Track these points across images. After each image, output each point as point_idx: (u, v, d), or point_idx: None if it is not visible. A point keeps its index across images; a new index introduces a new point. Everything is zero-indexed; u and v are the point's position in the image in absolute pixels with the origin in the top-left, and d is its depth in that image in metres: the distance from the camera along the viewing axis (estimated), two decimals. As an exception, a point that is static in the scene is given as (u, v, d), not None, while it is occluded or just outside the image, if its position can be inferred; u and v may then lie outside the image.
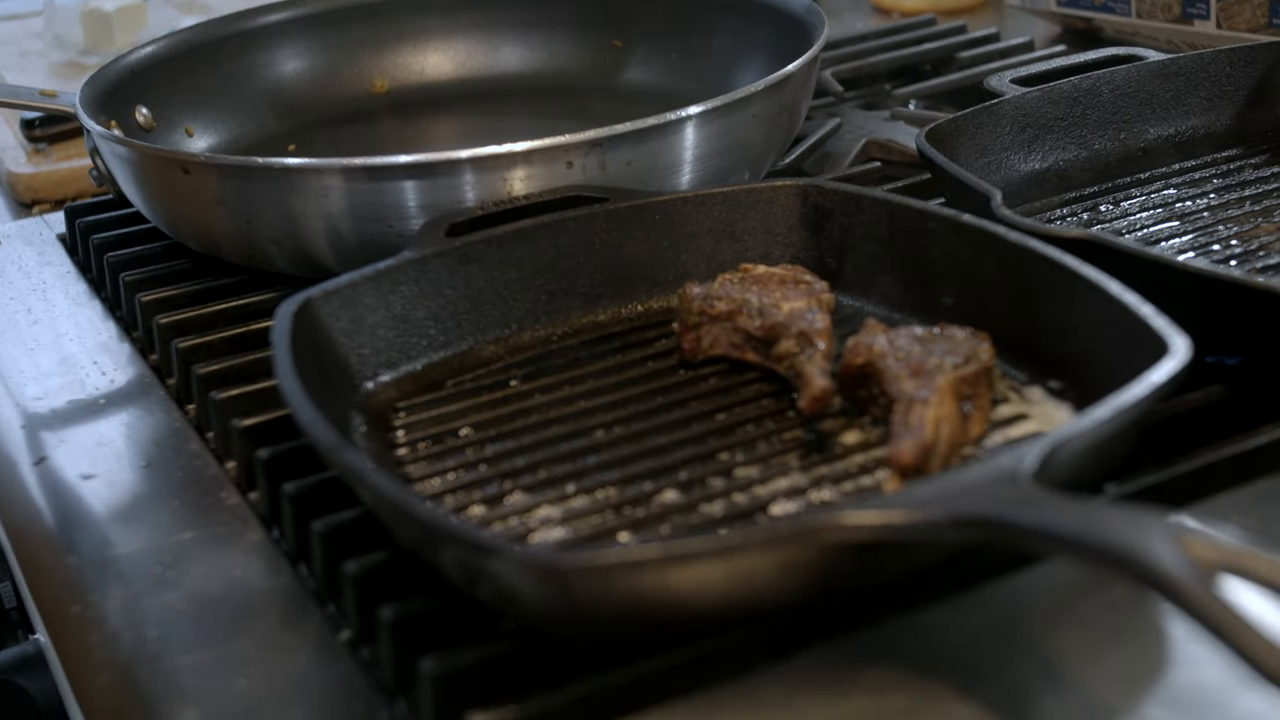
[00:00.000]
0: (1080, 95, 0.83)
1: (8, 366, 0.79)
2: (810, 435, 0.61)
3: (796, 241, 0.73)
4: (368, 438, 0.62)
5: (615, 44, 1.06)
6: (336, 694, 0.53)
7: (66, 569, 0.62)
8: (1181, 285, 0.63)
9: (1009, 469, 0.47)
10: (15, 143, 1.11)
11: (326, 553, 0.57)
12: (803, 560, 0.47)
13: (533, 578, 0.46)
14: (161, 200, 0.81)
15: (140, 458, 0.70)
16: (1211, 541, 0.40)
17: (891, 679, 0.49)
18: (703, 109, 0.76)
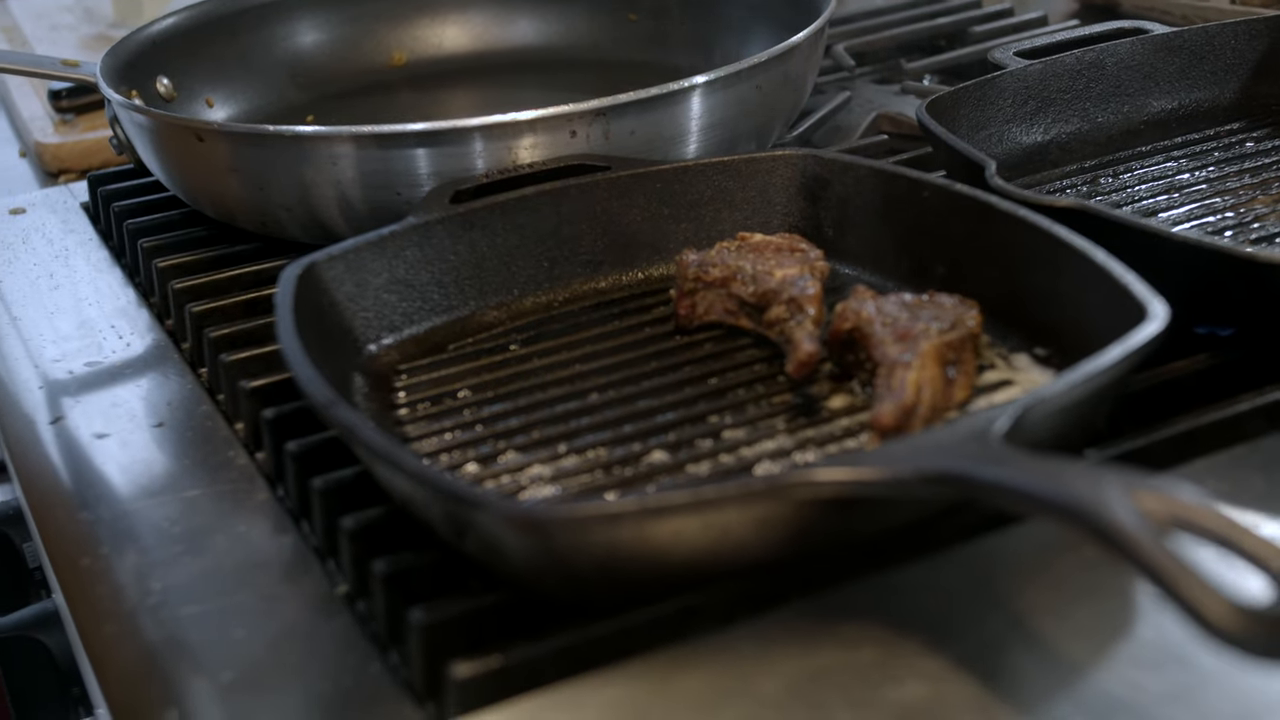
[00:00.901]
0: (1083, 69, 0.84)
1: (28, 330, 0.81)
2: (799, 399, 0.62)
3: (795, 210, 0.74)
4: (369, 398, 0.64)
5: (630, 18, 1.07)
6: (332, 645, 0.55)
7: (79, 524, 0.64)
8: (1171, 255, 0.63)
9: (980, 428, 0.49)
10: (43, 113, 1.13)
11: (325, 509, 0.59)
12: (777, 516, 0.49)
13: (512, 529, 0.48)
14: (178, 168, 0.83)
15: (153, 418, 0.72)
16: (1162, 496, 0.41)
17: (864, 634, 0.50)
18: (705, 79, 0.77)
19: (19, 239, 0.94)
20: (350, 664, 0.54)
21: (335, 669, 0.53)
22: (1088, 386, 0.52)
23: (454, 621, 0.51)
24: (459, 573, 0.54)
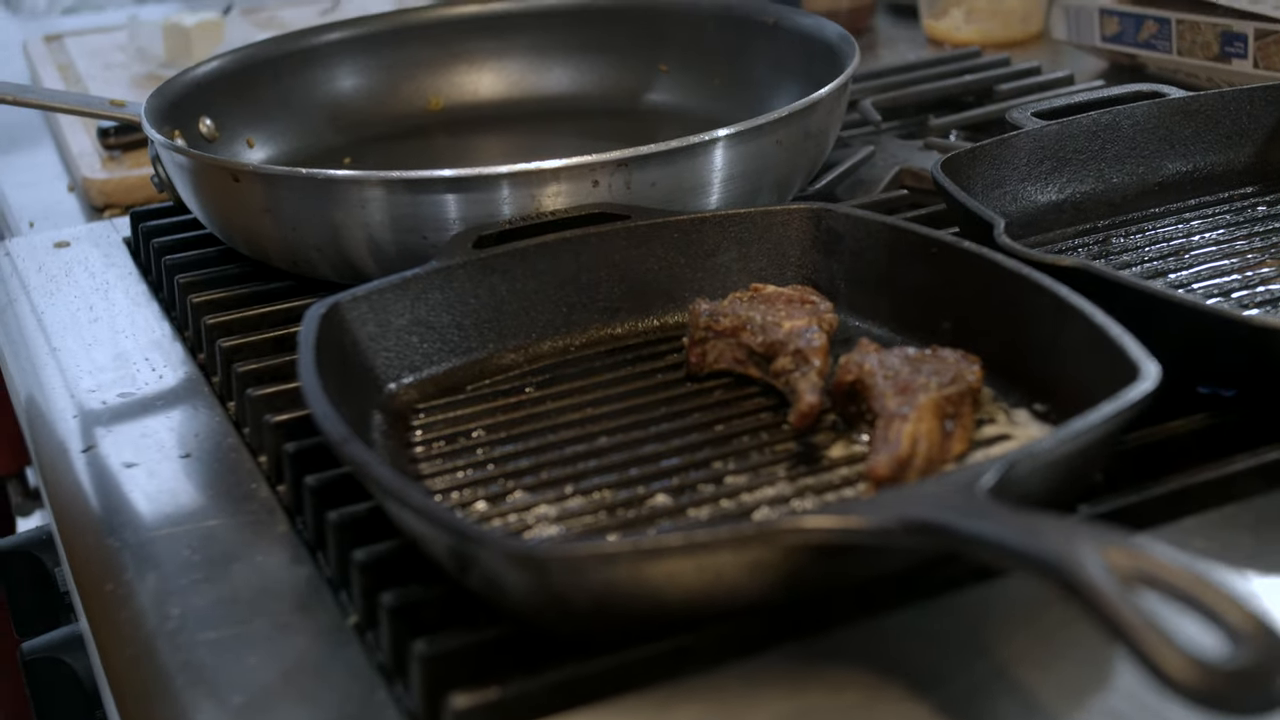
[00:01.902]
0: (1099, 130, 0.85)
1: (66, 360, 0.84)
2: (801, 448, 0.64)
3: (808, 263, 0.76)
4: (387, 435, 0.66)
5: (661, 69, 1.10)
6: (340, 674, 0.57)
7: (105, 550, 0.67)
8: (1171, 317, 0.65)
9: (966, 481, 0.50)
10: (92, 150, 1.16)
11: (339, 542, 0.61)
12: (768, 560, 0.50)
13: (511, 566, 0.50)
14: (214, 207, 0.85)
15: (180, 449, 0.74)
16: (1130, 551, 0.42)
17: (850, 677, 0.52)
18: (725, 134, 0.79)
19: (62, 271, 0.97)
20: (356, 692, 0.56)
21: (342, 697, 0.55)
22: (1076, 443, 0.53)
23: (455, 654, 0.53)
24: (464, 607, 0.56)
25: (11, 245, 1.02)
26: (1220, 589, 0.41)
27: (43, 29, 1.61)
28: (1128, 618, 0.40)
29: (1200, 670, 0.39)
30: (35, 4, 1.81)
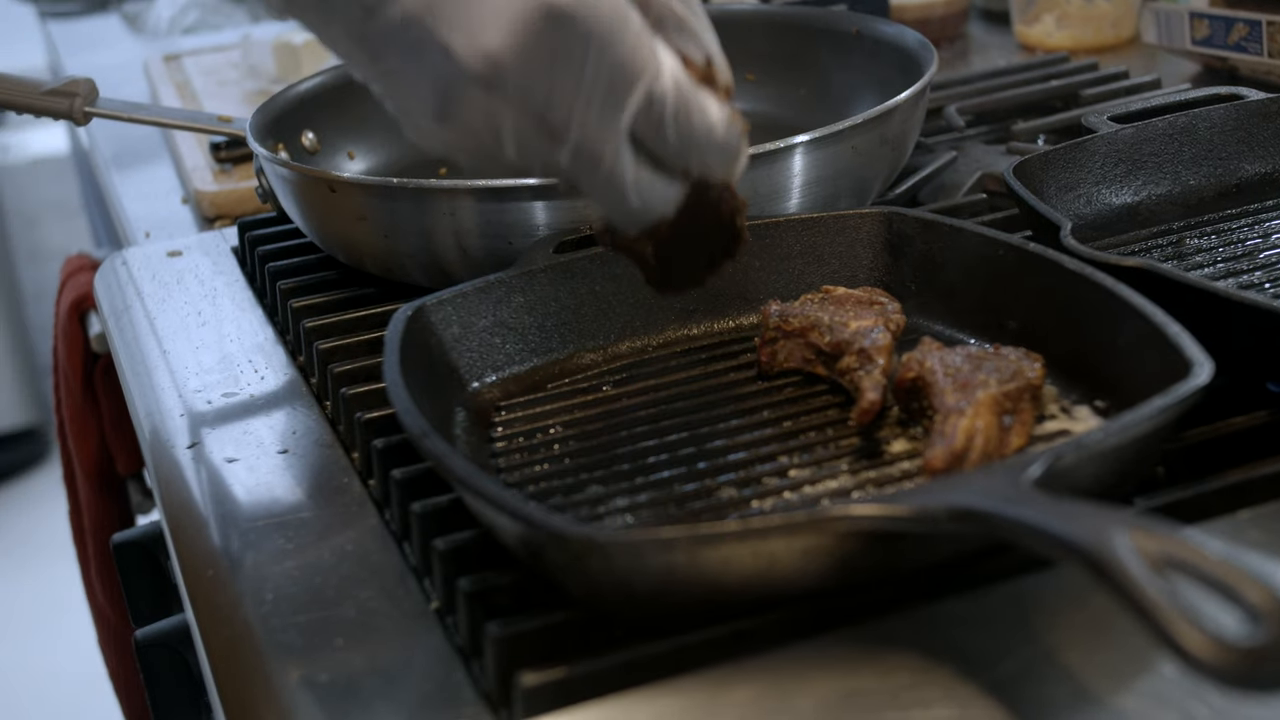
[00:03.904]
0: (1176, 133, 0.86)
1: (175, 363, 0.89)
2: (864, 443, 0.66)
3: (879, 265, 0.78)
4: (469, 432, 0.70)
5: (748, 77, 1.12)
6: (421, 655, 0.60)
7: (207, 538, 0.71)
8: (1235, 316, 0.66)
9: (1013, 472, 0.52)
10: (204, 164, 1.22)
11: (422, 531, 0.64)
12: (820, 546, 0.53)
13: (576, 551, 0.53)
14: (313, 216, 0.90)
15: (279, 445, 0.78)
16: (1158, 536, 0.44)
17: (901, 661, 0.54)
18: (800, 140, 0.82)
19: (174, 279, 1.01)
20: (436, 673, 0.59)
21: (421, 676, 0.59)
22: (1123, 436, 0.55)
23: (526, 635, 0.56)
24: (535, 592, 0.58)
25: (128, 254, 1.07)
26: (1243, 571, 0.42)
27: (163, 49, 1.68)
28: (1150, 596, 0.42)
29: (1219, 648, 0.41)
30: (157, 25, 1.88)
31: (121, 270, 1.04)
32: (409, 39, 0.52)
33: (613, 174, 0.57)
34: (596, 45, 0.53)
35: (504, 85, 0.52)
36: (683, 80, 0.56)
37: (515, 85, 0.53)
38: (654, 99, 0.55)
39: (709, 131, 0.57)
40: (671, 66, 0.56)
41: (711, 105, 0.58)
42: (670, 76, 0.55)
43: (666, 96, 0.55)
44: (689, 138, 0.57)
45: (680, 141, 0.57)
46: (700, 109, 0.57)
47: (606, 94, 0.54)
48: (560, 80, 0.53)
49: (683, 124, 0.56)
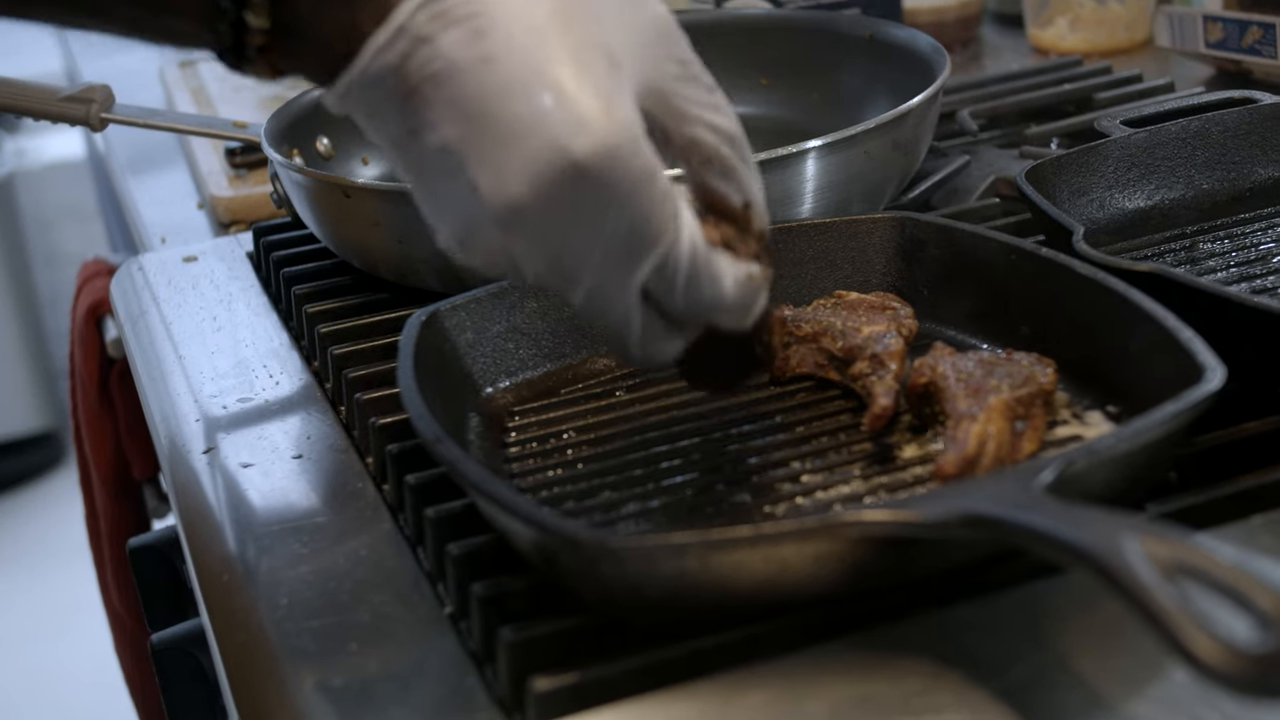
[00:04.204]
0: (1189, 137, 0.86)
1: (191, 368, 0.89)
2: (876, 448, 0.66)
3: (892, 270, 0.78)
4: (482, 437, 0.70)
5: (763, 82, 1.13)
6: (435, 660, 0.60)
7: (222, 543, 0.71)
8: (1248, 320, 0.66)
9: (1025, 477, 0.52)
10: (219, 169, 1.22)
11: (436, 536, 0.65)
12: (831, 552, 0.53)
13: (589, 556, 0.53)
14: (327, 221, 0.90)
15: (293, 450, 0.78)
16: (1168, 542, 0.44)
17: (913, 666, 0.54)
18: (812, 145, 0.82)
19: (189, 284, 1.02)
20: (449, 677, 0.59)
21: (435, 681, 0.59)
22: (1135, 442, 0.55)
23: (539, 640, 0.56)
24: (548, 597, 0.59)
25: (144, 260, 1.07)
26: (1254, 577, 0.42)
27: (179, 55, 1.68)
28: (1160, 602, 0.42)
29: (1230, 654, 0.41)
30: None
31: (137, 275, 1.05)
32: (443, 167, 0.54)
33: (620, 325, 0.57)
34: (616, 207, 0.53)
35: (523, 230, 0.53)
36: (699, 247, 0.56)
37: (534, 231, 0.53)
38: (667, 264, 0.55)
39: (718, 299, 0.58)
40: (690, 231, 0.56)
41: (727, 270, 0.58)
42: (687, 243, 0.56)
43: (680, 263, 0.56)
44: (697, 303, 0.57)
45: (688, 306, 0.57)
46: (712, 277, 0.57)
47: (621, 255, 0.54)
48: (578, 233, 0.54)
49: (692, 291, 0.57)
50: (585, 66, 0.53)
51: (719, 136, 0.59)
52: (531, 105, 0.52)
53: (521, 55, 0.52)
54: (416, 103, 0.53)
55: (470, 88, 0.52)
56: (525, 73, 0.52)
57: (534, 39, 0.52)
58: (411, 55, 0.52)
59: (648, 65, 0.56)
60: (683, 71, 0.58)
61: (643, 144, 0.53)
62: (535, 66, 0.52)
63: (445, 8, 0.52)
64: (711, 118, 0.59)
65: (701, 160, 0.60)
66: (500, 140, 0.52)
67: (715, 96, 0.59)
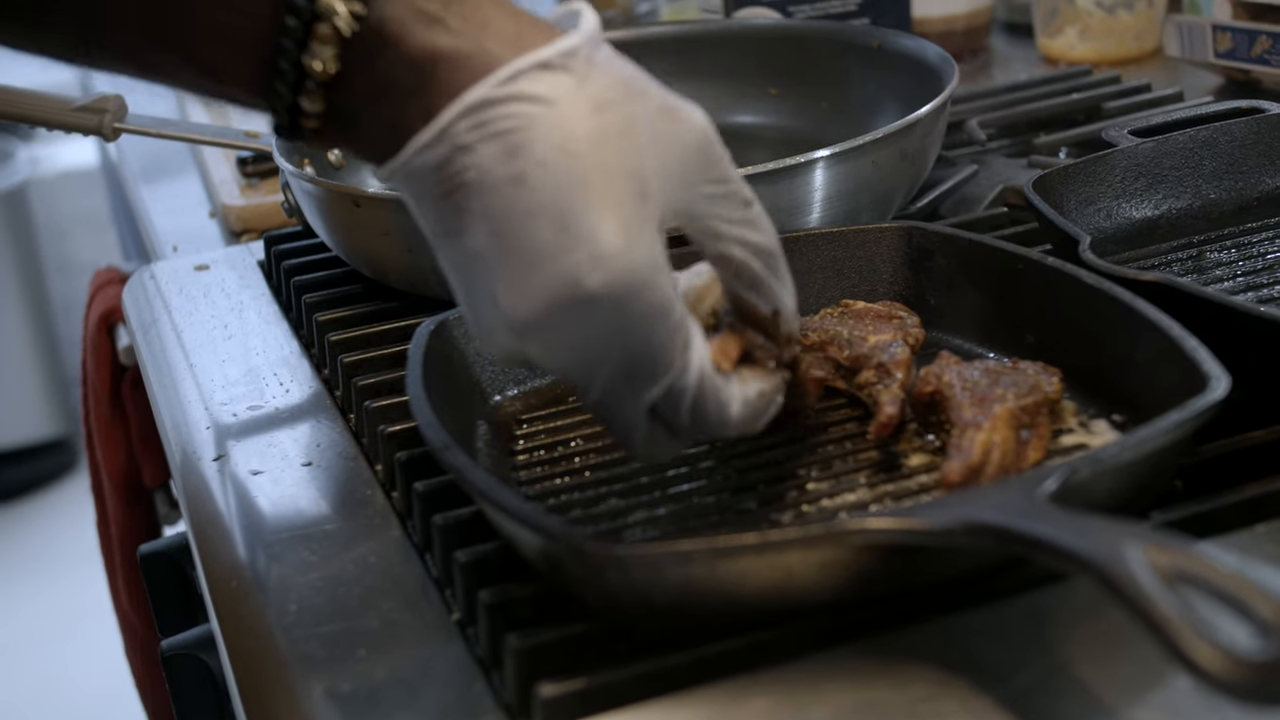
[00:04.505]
0: (1196, 146, 0.87)
1: (202, 376, 0.90)
2: (882, 456, 0.66)
3: (899, 279, 0.78)
4: (491, 445, 0.70)
5: (772, 92, 1.13)
6: (443, 666, 0.61)
7: (232, 549, 0.72)
8: (1254, 330, 0.66)
9: (1029, 486, 0.52)
10: (231, 178, 1.23)
11: (444, 543, 0.65)
12: (836, 559, 0.53)
13: (593, 563, 0.53)
14: (338, 230, 0.90)
15: (303, 458, 0.79)
16: (1170, 550, 0.44)
17: (917, 673, 0.54)
18: (819, 155, 0.82)
19: (201, 293, 1.03)
20: (456, 683, 0.59)
21: (442, 687, 0.59)
22: (1139, 450, 0.55)
23: (545, 647, 0.57)
24: (555, 604, 0.59)
25: (156, 269, 1.08)
26: (1254, 585, 0.43)
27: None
28: (1161, 610, 0.42)
29: (1230, 661, 0.41)
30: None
31: (149, 284, 1.06)
32: (470, 268, 0.55)
33: (626, 434, 0.59)
34: (624, 337, 0.54)
35: (535, 344, 0.55)
36: (708, 376, 0.57)
37: (545, 347, 0.55)
38: (673, 391, 0.57)
39: (723, 423, 0.59)
40: (700, 362, 0.57)
41: (735, 395, 0.59)
42: (695, 373, 0.57)
43: (687, 391, 0.57)
44: (701, 426, 0.58)
45: (693, 427, 0.58)
46: (718, 404, 0.58)
47: (628, 379, 0.56)
48: (587, 355, 0.55)
49: (698, 415, 0.58)
50: (612, 197, 0.54)
51: (750, 252, 0.60)
52: (552, 234, 0.53)
53: (550, 180, 0.53)
54: (452, 206, 0.54)
55: (499, 205, 0.53)
56: (550, 200, 0.53)
57: (566, 162, 0.53)
58: (451, 160, 0.54)
59: (682, 187, 0.57)
60: (719, 190, 0.58)
61: (659, 278, 0.55)
62: (561, 194, 0.53)
63: (486, 118, 0.53)
64: (745, 235, 0.59)
65: (733, 274, 0.60)
66: (520, 261, 0.53)
67: (751, 211, 0.60)
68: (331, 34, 0.54)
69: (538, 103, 0.53)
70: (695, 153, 0.57)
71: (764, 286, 0.61)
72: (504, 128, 0.53)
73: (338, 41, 0.54)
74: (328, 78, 0.55)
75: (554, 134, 0.53)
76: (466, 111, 0.53)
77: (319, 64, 0.54)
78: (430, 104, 0.54)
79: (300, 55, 0.55)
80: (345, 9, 0.54)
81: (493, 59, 0.54)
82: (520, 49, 0.54)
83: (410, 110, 0.55)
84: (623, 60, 0.57)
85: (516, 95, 0.53)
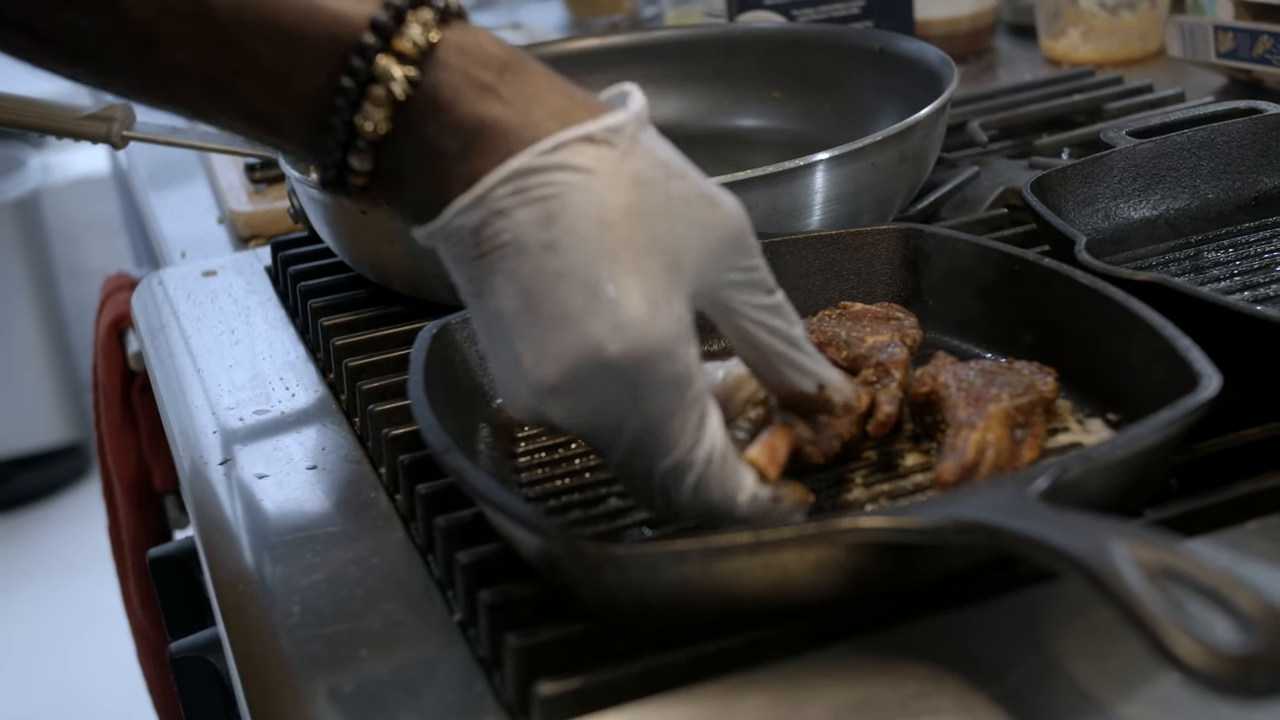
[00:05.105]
0: (1194, 147, 0.87)
1: (209, 381, 0.91)
2: (879, 456, 0.67)
3: (898, 281, 0.79)
4: (492, 447, 0.71)
5: (775, 95, 1.14)
6: (444, 666, 0.61)
7: (237, 552, 0.72)
8: (1245, 328, 0.67)
9: (1020, 485, 0.53)
10: (239, 184, 1.24)
11: (446, 545, 0.66)
12: (830, 558, 0.54)
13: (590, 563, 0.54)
14: (343, 236, 0.91)
15: (308, 461, 0.80)
16: (1155, 547, 0.45)
17: (912, 670, 0.55)
18: (818, 158, 0.83)
19: (209, 298, 1.03)
20: (458, 682, 0.60)
21: (444, 686, 0.60)
22: (1130, 449, 0.56)
23: (544, 646, 0.57)
24: (554, 604, 0.60)
25: (164, 274, 1.09)
26: (1237, 580, 0.43)
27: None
28: (1145, 606, 0.43)
29: (1213, 655, 0.42)
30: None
31: (158, 289, 1.07)
32: (495, 329, 0.56)
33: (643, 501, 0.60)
34: (641, 404, 0.55)
35: (555, 407, 0.56)
36: (718, 458, 0.58)
37: (564, 410, 0.56)
38: (680, 467, 0.57)
39: (728, 510, 0.59)
40: (712, 441, 0.57)
41: (746, 486, 0.59)
42: (706, 450, 0.57)
43: (693, 467, 0.57)
44: (705, 506, 0.58)
45: (695, 504, 0.58)
46: (723, 491, 0.58)
47: (641, 447, 0.57)
48: (606, 421, 0.56)
49: (700, 495, 0.58)
50: (641, 268, 0.54)
51: (776, 338, 0.60)
52: (579, 299, 0.54)
53: (582, 247, 0.54)
54: (485, 268, 0.55)
55: (529, 269, 0.54)
56: (580, 266, 0.54)
57: (598, 232, 0.54)
58: (487, 224, 0.55)
59: (710, 271, 0.57)
60: (745, 279, 0.59)
61: (682, 350, 0.55)
62: (591, 261, 0.54)
63: (526, 185, 0.54)
64: (768, 320, 0.60)
65: (764, 356, 0.61)
66: (545, 324, 0.54)
67: (775, 299, 0.60)
68: (385, 96, 0.55)
69: (578, 172, 0.54)
70: (728, 240, 0.58)
71: (797, 364, 0.61)
72: (543, 194, 0.54)
73: (391, 104, 0.55)
74: (378, 138, 0.56)
75: (590, 204, 0.54)
76: (508, 178, 0.54)
77: (370, 125, 0.55)
78: (474, 169, 0.55)
79: (353, 115, 0.56)
80: (401, 74, 0.55)
81: (539, 130, 0.55)
82: (567, 122, 0.55)
83: (454, 174, 0.55)
84: (666, 143, 0.58)
85: (559, 165, 0.54)
